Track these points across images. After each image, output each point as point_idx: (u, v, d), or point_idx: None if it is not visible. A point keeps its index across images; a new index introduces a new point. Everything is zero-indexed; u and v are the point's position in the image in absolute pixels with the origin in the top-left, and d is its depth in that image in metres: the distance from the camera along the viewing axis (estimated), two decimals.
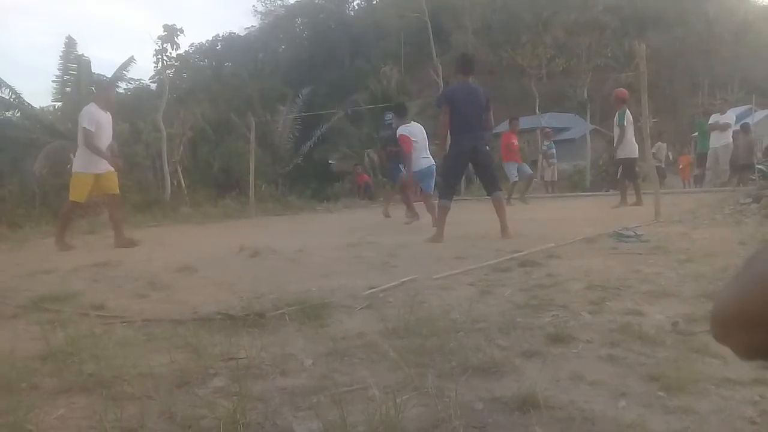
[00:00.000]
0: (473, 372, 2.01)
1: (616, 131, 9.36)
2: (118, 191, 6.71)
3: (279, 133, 23.88)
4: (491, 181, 6.18)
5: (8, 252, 6.51)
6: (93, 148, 6.34)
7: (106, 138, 6.53)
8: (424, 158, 7.89)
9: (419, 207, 8.21)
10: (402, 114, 8.20)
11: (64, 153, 16.04)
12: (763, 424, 1.61)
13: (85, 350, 2.31)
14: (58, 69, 17.18)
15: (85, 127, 6.33)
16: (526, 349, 2.27)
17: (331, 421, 1.62)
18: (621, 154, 9.30)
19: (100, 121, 6.42)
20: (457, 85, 6.18)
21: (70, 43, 17.21)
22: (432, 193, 8.18)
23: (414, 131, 7.91)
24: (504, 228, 5.88)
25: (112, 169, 6.58)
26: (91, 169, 6.41)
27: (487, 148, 6.10)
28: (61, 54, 17.15)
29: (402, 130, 7.91)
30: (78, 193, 6.45)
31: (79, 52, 17.29)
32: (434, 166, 7.92)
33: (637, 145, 9.24)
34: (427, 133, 8.15)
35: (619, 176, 9.50)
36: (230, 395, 1.84)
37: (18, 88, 17.46)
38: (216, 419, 1.66)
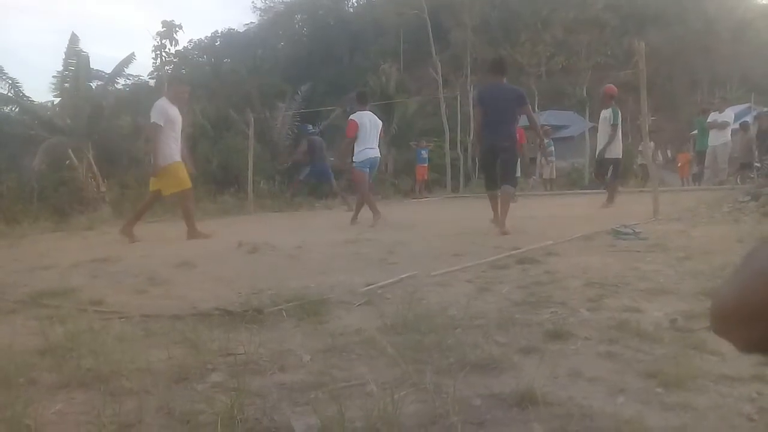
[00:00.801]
0: (471, 368, 2.01)
1: (603, 129, 8.87)
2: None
3: (278, 130, 23.83)
4: (504, 174, 6.32)
5: (6, 248, 6.50)
6: (153, 143, 6.45)
7: (176, 132, 6.67)
8: (369, 149, 7.72)
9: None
10: (363, 101, 8.20)
11: (63, 149, 16.02)
12: (760, 421, 1.62)
13: (83, 345, 2.31)
14: (62, 65, 17.11)
15: (153, 122, 6.47)
16: (525, 345, 2.27)
17: (329, 416, 1.62)
18: (610, 154, 8.86)
19: (169, 116, 6.53)
20: (487, 85, 6.64)
21: (74, 39, 17.14)
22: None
23: (362, 120, 7.74)
24: (501, 223, 5.94)
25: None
26: (177, 157, 6.55)
27: (507, 144, 6.24)
28: (65, 50, 17.07)
29: (353, 116, 7.85)
30: (182, 180, 6.58)
31: (79, 49, 17.22)
32: (378, 159, 8.02)
33: (621, 145, 8.99)
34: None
35: (609, 176, 9.08)
36: (228, 390, 1.84)
37: (17, 82, 17.38)
38: (214, 414, 1.66)
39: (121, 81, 19.72)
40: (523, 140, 11.45)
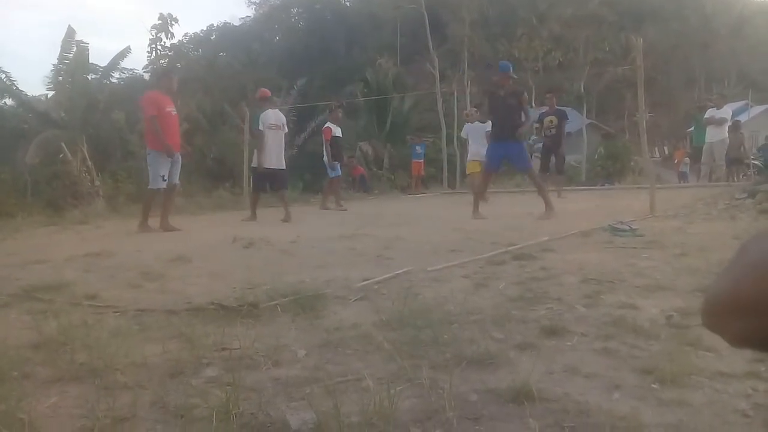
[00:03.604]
0: (467, 364, 2.01)
1: (281, 136, 8.17)
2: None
3: None
4: None
5: (0, 241, 6.46)
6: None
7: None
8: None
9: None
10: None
11: (57, 142, 15.95)
12: (755, 417, 1.62)
13: (77, 340, 2.30)
14: (57, 59, 17.03)
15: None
16: (521, 341, 2.27)
17: (324, 411, 1.62)
18: (264, 163, 8.01)
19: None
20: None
21: (70, 33, 17.04)
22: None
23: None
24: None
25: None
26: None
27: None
28: (62, 43, 16.98)
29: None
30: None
31: (78, 40, 17.12)
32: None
33: (276, 155, 8.07)
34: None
35: (252, 188, 8.22)
36: (223, 385, 1.83)
37: (11, 76, 17.29)
38: (209, 409, 1.66)
39: (116, 75, 19.63)
40: None
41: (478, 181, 8.20)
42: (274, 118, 8.22)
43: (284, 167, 8.34)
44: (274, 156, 8.11)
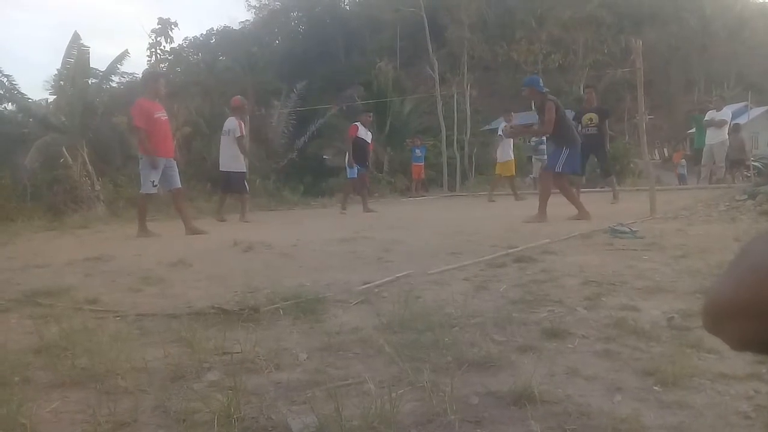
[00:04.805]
0: (469, 366, 2.01)
1: (226, 141, 8.86)
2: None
3: (273, 128, 23.77)
4: None
5: (0, 246, 6.46)
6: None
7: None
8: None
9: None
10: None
11: (57, 147, 15.97)
12: (757, 419, 1.62)
13: (78, 344, 2.30)
14: (60, 64, 17.04)
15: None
16: (522, 343, 2.27)
17: (326, 415, 1.62)
18: (229, 166, 8.86)
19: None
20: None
21: (75, 38, 17.06)
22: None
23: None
24: None
25: None
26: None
27: None
28: (66, 48, 17.00)
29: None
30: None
31: (80, 43, 17.12)
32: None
33: (242, 158, 8.81)
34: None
35: (222, 188, 9.34)
36: (225, 389, 1.83)
37: (13, 80, 17.30)
38: (210, 413, 1.65)
39: (116, 79, 19.65)
40: None
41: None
42: (227, 124, 8.92)
43: (229, 170, 8.87)
44: (222, 159, 8.96)
